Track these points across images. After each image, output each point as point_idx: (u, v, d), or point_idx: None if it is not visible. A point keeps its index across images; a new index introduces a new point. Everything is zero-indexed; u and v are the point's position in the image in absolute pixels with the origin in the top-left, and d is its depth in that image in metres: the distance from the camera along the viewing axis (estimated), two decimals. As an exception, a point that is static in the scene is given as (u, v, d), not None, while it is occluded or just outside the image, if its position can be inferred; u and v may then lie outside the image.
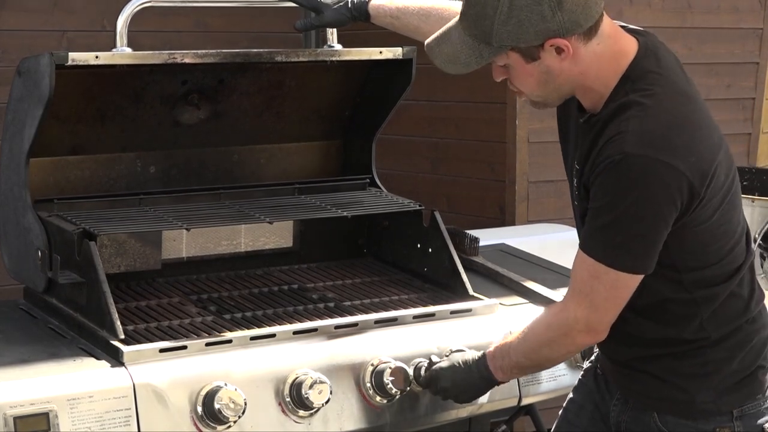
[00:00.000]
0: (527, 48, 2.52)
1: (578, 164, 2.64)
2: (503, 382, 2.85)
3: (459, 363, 2.85)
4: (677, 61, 2.63)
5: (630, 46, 2.58)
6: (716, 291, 2.63)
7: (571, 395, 2.97)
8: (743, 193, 5.02)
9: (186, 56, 3.05)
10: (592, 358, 2.93)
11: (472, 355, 2.87)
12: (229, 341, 2.84)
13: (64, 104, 3.05)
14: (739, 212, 2.67)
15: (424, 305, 3.17)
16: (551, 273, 3.57)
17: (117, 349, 2.73)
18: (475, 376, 2.83)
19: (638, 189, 2.46)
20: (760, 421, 2.68)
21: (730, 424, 2.66)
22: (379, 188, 3.52)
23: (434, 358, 2.92)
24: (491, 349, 2.82)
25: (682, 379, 2.67)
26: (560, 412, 2.97)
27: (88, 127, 3.20)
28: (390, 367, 2.89)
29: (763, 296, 2.73)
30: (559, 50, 2.52)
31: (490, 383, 2.84)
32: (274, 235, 3.45)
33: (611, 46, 2.56)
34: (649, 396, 2.72)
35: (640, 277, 2.55)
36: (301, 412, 2.80)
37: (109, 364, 2.70)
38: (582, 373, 2.97)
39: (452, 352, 2.95)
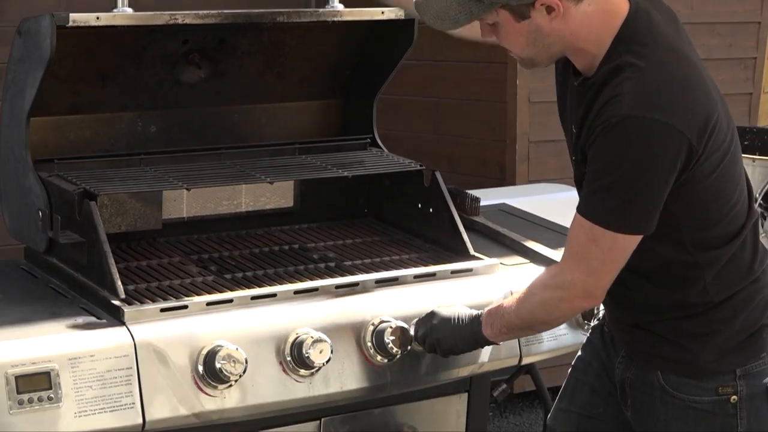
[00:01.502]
0: (518, 6, 2.52)
1: (575, 128, 2.63)
2: (493, 342, 2.84)
3: (456, 317, 2.85)
4: (671, 17, 2.62)
5: (622, 6, 2.56)
6: (719, 253, 2.63)
7: (579, 353, 2.98)
8: (744, 153, 4.99)
9: (187, 17, 3.03)
10: (600, 315, 2.93)
11: (470, 312, 2.86)
12: (230, 301, 2.84)
13: (65, 64, 3.04)
14: (740, 170, 2.66)
15: (425, 265, 3.17)
16: (552, 233, 3.56)
17: (118, 308, 2.73)
18: (467, 330, 2.82)
19: (636, 150, 2.46)
20: (764, 381, 2.68)
21: (733, 383, 2.66)
22: (380, 148, 3.50)
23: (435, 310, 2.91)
24: (486, 310, 2.82)
25: (687, 339, 2.67)
26: (569, 371, 2.98)
27: (89, 87, 3.19)
28: (391, 327, 2.89)
29: (766, 256, 2.73)
30: (549, 9, 2.51)
31: (477, 341, 2.84)
32: (274, 195, 3.45)
33: (602, 6, 2.54)
34: (654, 355, 2.72)
35: (638, 238, 2.54)
36: (302, 371, 2.81)
37: (110, 324, 2.71)
38: (590, 331, 2.98)
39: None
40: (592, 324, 2.99)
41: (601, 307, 2.88)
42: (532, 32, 2.55)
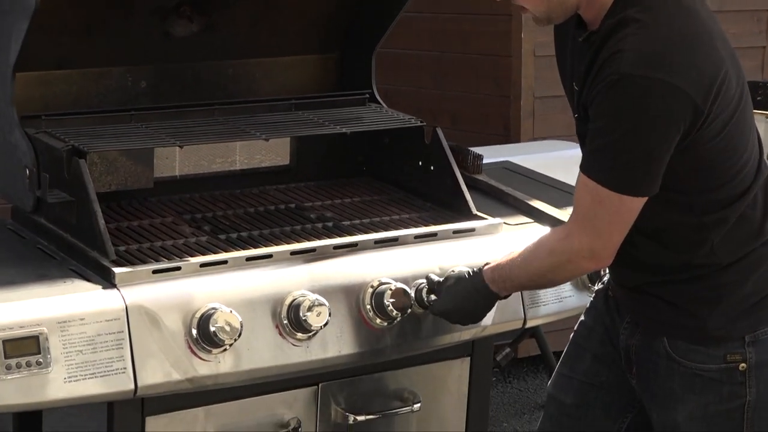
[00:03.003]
0: None
1: (577, 85, 2.62)
2: (504, 297, 2.84)
3: (457, 282, 2.82)
4: None
5: None
6: (725, 214, 2.60)
7: (582, 318, 2.96)
8: (756, 109, 4.91)
9: (177, -33, 3.02)
10: (604, 280, 2.92)
11: (467, 272, 2.83)
12: (225, 262, 2.82)
13: (50, 16, 2.99)
14: (750, 129, 2.63)
15: (426, 225, 3.15)
16: (557, 191, 3.54)
17: (109, 270, 2.72)
18: (474, 295, 2.79)
19: (636, 111, 2.44)
20: (773, 347, 2.67)
21: (741, 350, 2.64)
22: (380, 104, 3.48)
23: (433, 277, 2.89)
24: (488, 267, 2.79)
25: (694, 305, 2.65)
26: (571, 336, 2.97)
27: (75, 40, 3.17)
28: (390, 289, 2.88)
29: None
30: None
31: (491, 301, 2.81)
32: (270, 152, 3.42)
33: None
34: (660, 321, 2.70)
35: (644, 199, 2.53)
36: (299, 335, 2.80)
37: (100, 286, 2.70)
38: (593, 295, 2.96)
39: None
40: (596, 288, 2.98)
41: (606, 270, 2.87)
42: None
